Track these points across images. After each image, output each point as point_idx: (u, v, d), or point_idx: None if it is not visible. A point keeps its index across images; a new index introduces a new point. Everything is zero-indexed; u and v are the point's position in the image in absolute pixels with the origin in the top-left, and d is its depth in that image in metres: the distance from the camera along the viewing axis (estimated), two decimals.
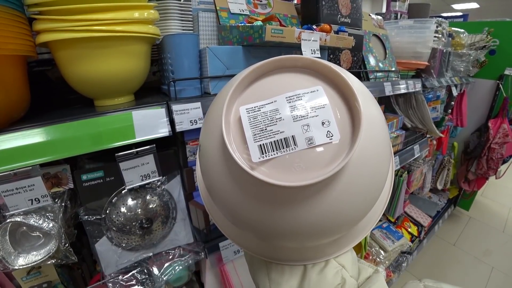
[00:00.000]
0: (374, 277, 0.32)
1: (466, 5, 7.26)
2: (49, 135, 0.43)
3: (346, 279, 0.31)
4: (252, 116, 0.22)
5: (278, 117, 0.22)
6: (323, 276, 0.31)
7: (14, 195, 0.43)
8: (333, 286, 0.30)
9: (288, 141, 0.21)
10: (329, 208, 0.22)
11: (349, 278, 0.31)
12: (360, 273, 0.33)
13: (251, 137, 0.22)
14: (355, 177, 0.22)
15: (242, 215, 0.25)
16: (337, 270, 0.31)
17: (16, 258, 0.47)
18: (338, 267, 0.32)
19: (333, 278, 0.31)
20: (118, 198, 0.54)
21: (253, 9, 0.75)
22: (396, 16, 1.48)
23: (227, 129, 0.22)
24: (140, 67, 0.54)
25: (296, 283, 0.31)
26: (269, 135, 0.21)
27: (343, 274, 0.31)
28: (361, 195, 0.23)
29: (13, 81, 0.44)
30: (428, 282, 0.28)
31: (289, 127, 0.21)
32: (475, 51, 1.84)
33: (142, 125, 0.49)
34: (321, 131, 0.21)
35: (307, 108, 0.22)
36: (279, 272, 0.32)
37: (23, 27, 0.45)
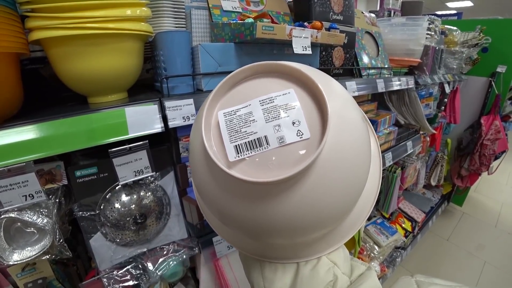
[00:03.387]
0: (367, 274, 0.33)
1: (460, 3, 7.32)
2: (43, 131, 0.44)
3: (338, 276, 0.32)
4: (228, 120, 0.24)
5: (251, 119, 0.23)
6: (316, 273, 0.32)
7: (8, 191, 0.44)
8: (325, 283, 0.31)
9: (261, 141, 0.23)
10: (304, 201, 0.23)
11: (341, 275, 0.32)
12: (353, 270, 0.34)
13: (227, 138, 0.23)
14: (326, 173, 0.23)
15: (226, 212, 0.26)
16: (329, 267, 0.32)
17: (11, 254, 0.47)
18: (330, 264, 0.33)
19: (325, 275, 0.31)
20: (112, 194, 0.55)
21: (246, 6, 0.76)
22: (389, 14, 1.49)
23: (207, 131, 0.24)
24: (133, 65, 0.54)
25: (289, 280, 0.32)
26: (244, 136, 0.23)
27: (335, 271, 0.32)
28: (335, 190, 0.24)
29: (5, 78, 0.45)
30: (420, 277, 0.29)
31: (262, 128, 0.23)
32: (467, 49, 1.86)
33: (135, 121, 0.49)
34: (291, 131, 0.22)
35: (278, 109, 0.23)
36: (272, 270, 0.33)
37: (15, 25, 0.45)
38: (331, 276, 0.32)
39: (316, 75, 0.26)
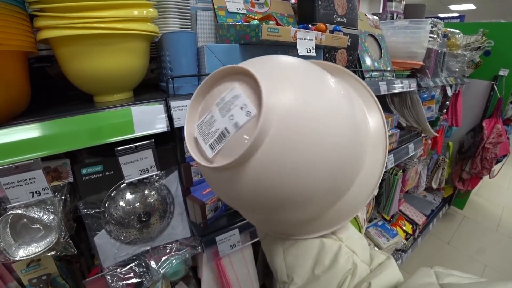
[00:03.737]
0: (386, 263, 0.34)
1: (463, 6, 7.31)
2: (50, 129, 0.44)
3: (357, 264, 0.33)
4: (200, 128, 0.29)
5: (213, 121, 0.28)
6: (336, 261, 0.33)
7: (15, 187, 0.44)
8: (345, 271, 0.32)
9: (224, 133, 0.26)
10: (274, 175, 0.25)
11: (360, 263, 0.33)
12: (373, 259, 0.35)
13: (203, 142, 0.28)
14: (276, 150, 0.24)
15: (223, 197, 0.32)
16: (348, 256, 0.33)
17: (17, 250, 0.48)
18: (350, 253, 0.34)
19: (345, 263, 0.33)
20: (117, 192, 0.55)
21: (251, 8, 0.76)
22: (392, 16, 1.49)
23: (189, 140, 0.30)
24: (139, 64, 0.55)
25: (310, 268, 0.34)
26: (212, 136, 0.27)
27: (354, 259, 0.33)
28: (294, 165, 0.25)
29: (14, 76, 0.45)
30: (438, 268, 0.29)
31: (221, 123, 0.27)
32: (470, 52, 1.87)
33: (141, 120, 0.50)
34: (241, 114, 0.25)
35: (229, 104, 0.27)
36: (294, 258, 0.35)
37: (24, 24, 0.46)
38: (350, 264, 0.33)
39: (258, 63, 0.28)
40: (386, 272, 0.32)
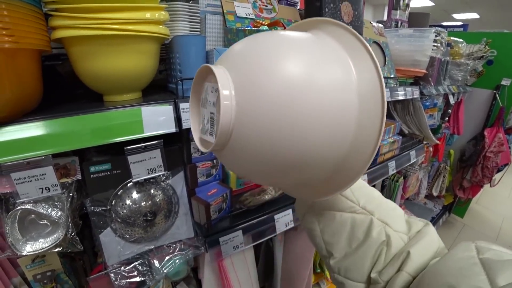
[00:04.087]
0: (424, 230, 0.34)
1: (467, 15, 7.36)
2: (61, 127, 0.45)
3: (391, 235, 0.34)
4: (201, 129, 0.32)
5: (203, 114, 0.31)
6: (368, 234, 0.34)
7: (25, 183, 0.45)
8: (378, 242, 0.34)
9: (212, 117, 0.29)
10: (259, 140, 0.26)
11: (394, 233, 0.34)
12: (411, 227, 0.35)
13: (207, 136, 0.31)
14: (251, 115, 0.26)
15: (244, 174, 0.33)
16: (380, 228, 0.34)
17: (24, 245, 0.48)
18: (381, 225, 0.35)
19: (377, 235, 0.34)
20: (124, 191, 0.56)
21: (259, 13, 0.77)
22: (397, 24, 1.51)
23: (197, 140, 0.33)
24: (150, 65, 0.56)
25: (346, 243, 0.35)
26: (207, 126, 0.30)
27: (387, 231, 0.34)
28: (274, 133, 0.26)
29: (29, 74, 0.46)
30: (480, 243, 0.29)
31: (207, 112, 0.30)
32: (473, 61, 1.88)
33: (150, 121, 0.51)
34: (213, 95, 0.28)
35: (207, 96, 0.30)
36: (330, 235, 0.37)
37: (40, 23, 0.47)
38: (383, 236, 0.34)
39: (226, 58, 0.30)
40: (424, 240, 0.33)
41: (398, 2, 1.49)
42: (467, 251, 0.27)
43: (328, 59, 0.28)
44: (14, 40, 0.40)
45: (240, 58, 0.28)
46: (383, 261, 0.33)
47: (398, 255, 0.32)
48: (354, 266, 0.35)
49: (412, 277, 0.31)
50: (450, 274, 0.26)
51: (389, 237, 0.34)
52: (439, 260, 0.29)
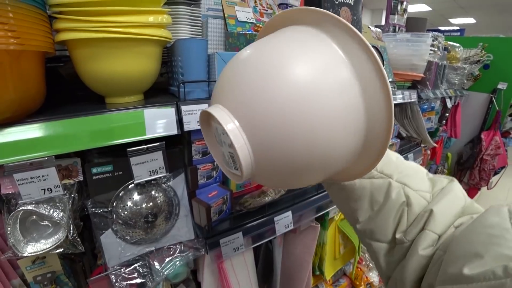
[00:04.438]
0: (448, 187, 0.34)
1: (463, 20, 7.46)
2: (64, 128, 0.46)
3: (410, 195, 0.34)
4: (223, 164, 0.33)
5: (222, 153, 0.32)
6: (388, 197, 0.34)
7: (28, 184, 0.45)
8: (398, 204, 0.34)
9: (232, 155, 0.29)
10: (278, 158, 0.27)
11: (414, 193, 0.34)
12: (434, 185, 0.35)
13: (233, 170, 0.31)
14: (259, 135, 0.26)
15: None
16: (399, 190, 0.34)
17: (25, 246, 0.48)
18: (400, 187, 0.34)
19: (396, 196, 0.34)
20: (125, 192, 0.56)
21: (259, 17, 0.79)
22: (395, 29, 1.53)
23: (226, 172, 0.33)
24: (152, 68, 0.57)
25: (369, 207, 0.36)
26: (230, 162, 0.30)
27: (406, 191, 0.34)
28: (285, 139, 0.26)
29: (32, 76, 0.47)
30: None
31: (226, 151, 0.30)
32: (469, 65, 1.90)
33: (152, 123, 0.51)
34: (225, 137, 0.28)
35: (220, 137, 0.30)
36: (354, 202, 0.38)
37: (45, 25, 0.47)
38: (402, 197, 0.34)
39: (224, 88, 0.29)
40: (448, 197, 0.32)
41: (396, 7, 1.51)
42: (497, 215, 0.25)
43: (324, 61, 0.26)
44: (19, 42, 0.41)
45: (234, 87, 0.27)
46: (406, 221, 0.33)
47: (421, 214, 0.32)
48: (378, 228, 0.35)
49: (437, 235, 0.30)
50: (478, 241, 0.24)
51: (409, 197, 0.33)
52: (468, 226, 0.28)
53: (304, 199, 0.84)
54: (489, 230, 0.24)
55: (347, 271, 1.37)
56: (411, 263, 0.31)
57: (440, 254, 0.29)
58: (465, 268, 0.23)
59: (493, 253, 0.22)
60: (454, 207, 0.32)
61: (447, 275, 0.25)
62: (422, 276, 0.30)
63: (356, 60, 0.27)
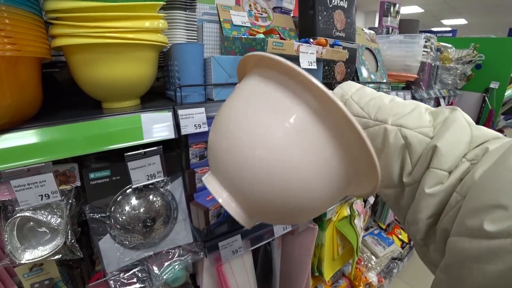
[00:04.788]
0: (451, 117, 0.31)
1: (455, 21, 7.58)
2: (62, 133, 0.46)
3: (407, 135, 0.31)
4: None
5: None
6: (386, 141, 0.33)
7: (25, 190, 0.45)
8: (398, 147, 0.32)
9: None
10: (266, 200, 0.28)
11: (411, 132, 0.31)
12: (437, 117, 0.32)
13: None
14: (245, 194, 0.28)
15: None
16: (396, 132, 0.32)
17: (23, 253, 0.48)
18: (396, 129, 0.32)
19: (394, 140, 0.32)
20: (123, 197, 0.56)
21: (254, 21, 0.79)
22: (388, 31, 1.55)
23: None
24: (148, 73, 0.57)
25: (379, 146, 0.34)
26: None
27: (402, 132, 0.32)
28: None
29: (29, 81, 0.47)
30: None
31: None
32: (462, 65, 1.93)
33: (149, 127, 0.51)
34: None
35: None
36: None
37: (41, 31, 0.47)
38: (401, 139, 0.32)
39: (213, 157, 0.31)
40: (452, 129, 0.29)
41: (389, 9, 1.53)
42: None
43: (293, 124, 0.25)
44: (16, 48, 0.41)
45: (219, 159, 0.28)
46: (410, 163, 0.31)
47: (425, 153, 0.30)
48: (384, 176, 0.33)
49: (445, 172, 0.28)
50: (501, 188, 0.20)
51: (406, 138, 0.31)
52: (489, 168, 0.24)
53: None
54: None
55: (346, 271, 1.38)
56: (420, 203, 0.29)
57: (458, 199, 0.26)
58: (485, 221, 0.20)
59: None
60: (460, 138, 0.29)
61: (466, 227, 0.22)
62: (434, 214, 0.28)
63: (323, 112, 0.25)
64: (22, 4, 0.42)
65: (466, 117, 0.31)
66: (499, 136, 0.29)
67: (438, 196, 0.28)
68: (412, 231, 0.32)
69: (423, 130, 0.31)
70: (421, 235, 0.30)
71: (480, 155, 0.27)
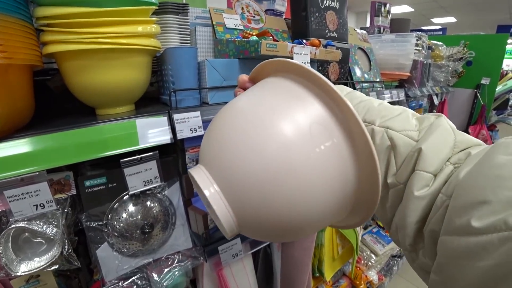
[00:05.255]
0: (436, 123, 0.31)
1: (444, 19, 7.70)
2: (56, 141, 0.45)
3: (393, 136, 0.32)
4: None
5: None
6: (374, 144, 0.31)
7: (19, 200, 0.44)
8: (384, 148, 0.32)
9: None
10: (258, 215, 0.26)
11: (398, 134, 0.32)
12: (422, 122, 0.33)
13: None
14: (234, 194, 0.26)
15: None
16: (382, 134, 0.33)
17: (18, 265, 0.47)
18: (382, 131, 0.33)
19: (380, 141, 0.33)
20: (120, 204, 0.55)
21: (247, 24, 0.80)
22: (379, 31, 1.57)
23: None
24: (142, 78, 0.57)
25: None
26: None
27: (388, 134, 0.32)
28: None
29: (20, 89, 0.46)
30: None
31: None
32: (453, 63, 1.96)
33: (145, 132, 0.51)
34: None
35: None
36: None
37: (32, 38, 0.47)
38: (386, 141, 0.32)
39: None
40: (436, 133, 0.30)
41: (380, 9, 1.55)
42: (506, 152, 0.22)
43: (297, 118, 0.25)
44: (6, 56, 0.40)
45: (216, 150, 0.27)
46: (395, 164, 0.32)
47: (410, 155, 0.30)
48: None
49: (431, 174, 0.28)
50: (485, 185, 0.21)
51: (392, 139, 0.32)
52: (473, 167, 0.24)
53: None
54: (497, 171, 0.21)
55: (346, 271, 1.38)
56: (408, 206, 0.29)
57: (444, 199, 0.26)
58: (473, 218, 0.20)
59: (504, 199, 0.19)
60: (445, 142, 0.29)
61: (454, 225, 0.22)
62: (422, 218, 0.29)
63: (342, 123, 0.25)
64: (12, 11, 0.41)
65: (450, 123, 0.32)
66: (481, 143, 0.30)
67: (425, 198, 0.28)
68: (400, 237, 0.32)
69: (409, 133, 0.32)
70: (410, 240, 0.30)
71: (463, 159, 0.28)
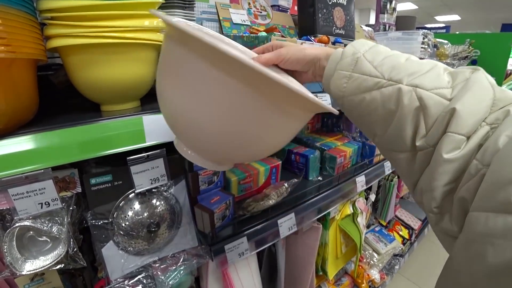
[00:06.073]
0: (472, 78, 0.28)
1: (449, 17, 7.65)
2: (61, 138, 0.44)
3: (423, 96, 0.29)
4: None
5: None
6: (400, 103, 0.31)
7: (24, 198, 0.43)
8: (412, 109, 0.30)
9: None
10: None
11: (427, 93, 0.29)
12: (456, 78, 0.30)
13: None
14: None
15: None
16: (411, 93, 0.30)
17: (23, 264, 0.46)
18: (410, 90, 0.30)
19: (409, 101, 0.30)
20: (126, 202, 0.54)
21: (254, 20, 0.78)
22: (385, 28, 1.55)
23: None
24: (148, 73, 0.55)
25: (383, 120, 0.34)
26: None
27: (417, 93, 0.30)
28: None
29: (25, 84, 0.45)
30: None
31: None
32: (458, 61, 1.94)
33: (152, 129, 0.50)
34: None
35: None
36: (368, 115, 0.36)
37: (36, 32, 0.45)
38: (416, 101, 0.30)
39: None
40: (473, 91, 0.27)
41: (386, 6, 1.53)
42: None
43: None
44: (10, 50, 0.39)
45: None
46: (425, 126, 0.29)
47: (442, 116, 0.28)
48: (394, 138, 0.32)
49: (464, 137, 0.26)
50: None
51: (422, 99, 0.29)
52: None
53: (305, 200, 0.83)
54: None
55: (348, 269, 1.38)
56: (437, 170, 0.27)
57: (479, 168, 0.24)
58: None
59: None
60: (481, 101, 0.27)
61: (490, 201, 0.21)
62: (451, 181, 0.27)
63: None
64: (15, 3, 0.40)
65: (489, 78, 0.29)
66: None
67: (456, 162, 0.26)
68: (425, 199, 0.30)
69: (440, 91, 0.29)
70: (437, 203, 0.29)
71: (501, 119, 0.25)
